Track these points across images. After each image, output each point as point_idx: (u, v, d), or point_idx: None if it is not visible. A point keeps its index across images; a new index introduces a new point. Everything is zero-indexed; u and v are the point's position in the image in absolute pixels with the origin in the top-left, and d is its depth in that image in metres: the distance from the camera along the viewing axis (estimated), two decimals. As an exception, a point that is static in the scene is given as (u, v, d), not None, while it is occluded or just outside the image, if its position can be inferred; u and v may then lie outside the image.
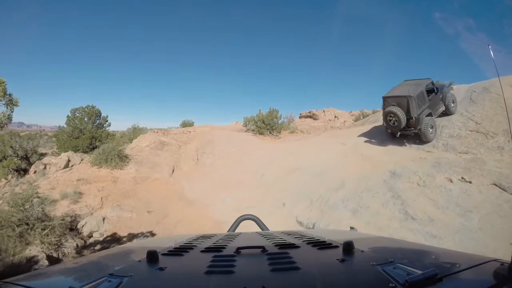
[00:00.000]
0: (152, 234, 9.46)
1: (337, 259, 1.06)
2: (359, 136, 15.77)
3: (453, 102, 13.00)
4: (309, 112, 38.42)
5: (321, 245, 1.29)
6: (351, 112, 37.79)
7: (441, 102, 12.76)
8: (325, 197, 9.84)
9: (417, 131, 11.73)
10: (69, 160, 16.39)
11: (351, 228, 2.21)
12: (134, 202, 11.41)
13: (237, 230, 2.48)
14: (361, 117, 27.20)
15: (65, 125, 23.16)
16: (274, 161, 14.64)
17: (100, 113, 24.32)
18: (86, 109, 23.49)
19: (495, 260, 0.97)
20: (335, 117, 36.28)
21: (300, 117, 37.62)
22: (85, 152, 20.57)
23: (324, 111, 37.94)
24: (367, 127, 17.41)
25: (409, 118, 11.60)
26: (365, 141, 14.58)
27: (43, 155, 22.32)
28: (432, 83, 12.60)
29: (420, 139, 12.14)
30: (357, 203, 8.84)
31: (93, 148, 20.44)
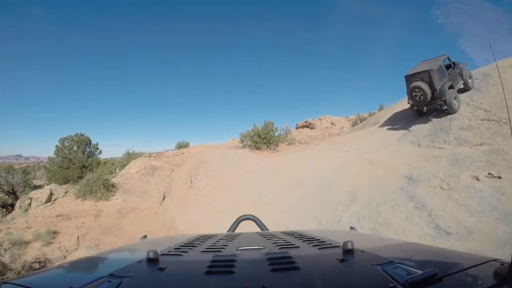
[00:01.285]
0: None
1: (337, 259, 1.04)
2: (361, 140, 14.74)
3: (470, 78, 13.13)
4: (305, 122, 38.01)
5: (321, 245, 1.30)
6: (347, 117, 37.52)
7: (459, 77, 12.95)
8: (336, 217, 8.56)
9: (442, 102, 12.02)
10: (51, 194, 15.11)
11: (351, 228, 2.17)
12: (115, 240, 10.09)
13: (236, 230, 2.45)
14: (358, 121, 26.50)
15: (54, 156, 22.31)
16: (273, 177, 13.50)
17: (90, 141, 23.54)
18: (74, 137, 22.66)
19: (495, 260, 0.97)
20: (332, 124, 36.06)
21: (297, 128, 37.16)
22: (75, 182, 19.40)
23: (320, 119, 37.68)
24: (368, 130, 16.41)
25: (433, 90, 11.86)
26: (369, 145, 13.51)
27: (37, 187, 21.35)
28: (449, 58, 12.94)
29: (434, 135, 11.58)
30: (375, 220, 7.54)
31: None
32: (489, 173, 7.39)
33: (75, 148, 22.42)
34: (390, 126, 15.11)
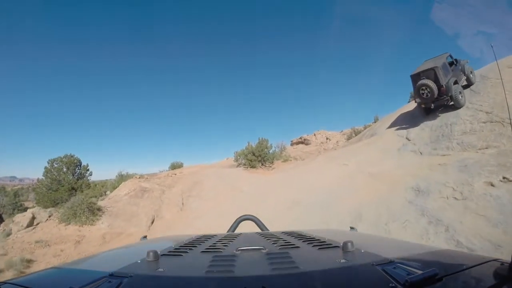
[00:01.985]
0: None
1: (337, 259, 1.04)
2: (360, 153, 14.07)
3: (471, 73, 13.37)
4: (300, 138, 37.69)
5: (321, 245, 1.30)
6: (342, 131, 37.15)
7: (461, 73, 13.10)
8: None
9: (448, 98, 12.17)
10: (33, 218, 14.11)
11: (351, 228, 2.15)
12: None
13: (236, 231, 2.42)
14: (353, 135, 26.26)
15: (43, 177, 21.46)
16: (269, 197, 12.56)
17: (80, 162, 22.83)
18: (64, 158, 21.94)
19: (495, 260, 0.97)
20: (327, 138, 35.71)
21: (292, 144, 36.82)
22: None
23: (315, 134, 37.31)
24: (365, 142, 15.78)
25: (439, 87, 12.12)
26: (369, 158, 12.84)
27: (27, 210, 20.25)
28: (451, 56, 13.22)
29: (436, 142, 11.18)
30: (386, 242, 6.56)
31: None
32: (503, 177, 6.74)
33: (64, 169, 21.68)
34: (388, 136, 14.51)
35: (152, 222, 13.38)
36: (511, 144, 8.59)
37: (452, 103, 12.31)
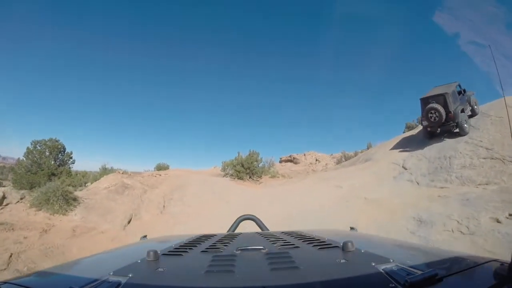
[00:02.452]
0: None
1: (337, 259, 1.04)
2: (353, 177, 13.64)
3: (476, 105, 13.81)
4: (290, 156, 37.59)
5: (321, 245, 1.29)
6: (332, 154, 37.18)
7: (467, 103, 13.50)
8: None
9: (454, 124, 12.53)
10: (4, 197, 13.03)
11: (351, 228, 2.16)
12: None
13: (237, 230, 2.44)
14: (343, 159, 25.98)
15: (24, 158, 20.39)
16: (256, 212, 11.47)
17: (64, 149, 21.70)
18: (48, 142, 20.79)
19: (495, 260, 0.97)
20: (316, 160, 35.90)
21: (280, 162, 36.61)
22: (41, 190, 17.49)
23: (305, 154, 37.52)
24: (360, 167, 15.40)
25: (448, 112, 12.40)
26: (364, 183, 12.44)
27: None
28: (459, 85, 13.53)
29: (433, 174, 11.00)
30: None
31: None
32: (510, 214, 6.46)
33: (47, 153, 20.63)
34: (384, 163, 14.19)
35: (129, 222, 12.53)
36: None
37: (457, 130, 12.68)
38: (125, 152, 71.63)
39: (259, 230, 2.58)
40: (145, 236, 2.20)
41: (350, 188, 12.17)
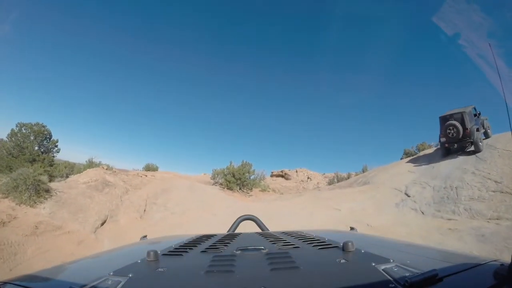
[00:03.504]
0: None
1: (337, 259, 1.04)
2: (352, 199, 12.76)
3: (489, 129, 14.78)
4: (281, 171, 36.57)
5: (321, 245, 1.29)
6: (324, 174, 36.19)
7: (481, 125, 14.22)
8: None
9: (470, 142, 13.28)
10: None
11: (351, 228, 2.17)
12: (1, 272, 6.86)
13: (237, 231, 2.42)
14: (335, 180, 25.23)
15: (6, 139, 19.21)
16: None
17: (50, 135, 20.54)
18: (34, 126, 19.62)
19: (495, 260, 0.98)
20: (308, 178, 34.88)
21: (272, 176, 35.65)
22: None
23: (296, 171, 36.36)
24: (358, 189, 14.50)
25: (465, 129, 13.22)
26: (364, 207, 11.59)
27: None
28: (475, 108, 14.29)
29: (439, 204, 10.37)
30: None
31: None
32: None
33: (31, 137, 19.44)
34: (385, 188, 13.35)
35: (102, 224, 11.39)
36: (525, 218, 7.95)
37: (472, 148, 13.44)
38: (119, 149, 69.89)
39: (259, 230, 2.49)
40: (145, 236, 2.18)
41: (349, 212, 11.27)
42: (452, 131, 13.55)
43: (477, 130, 13.48)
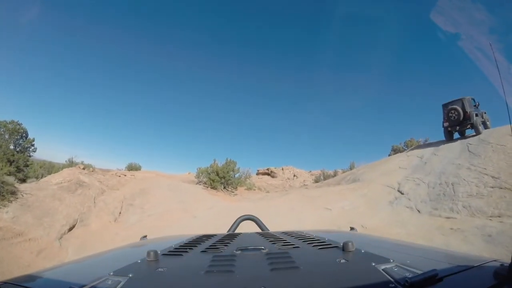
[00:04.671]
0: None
1: (337, 259, 1.04)
2: (343, 198, 12.06)
3: (488, 121, 15.33)
4: (267, 169, 36.56)
5: (321, 245, 1.29)
6: (310, 171, 36.39)
7: (480, 115, 14.91)
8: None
9: (472, 122, 14.22)
10: None
11: (351, 228, 2.18)
12: None
13: (237, 231, 2.41)
14: (322, 177, 25.09)
15: None
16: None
17: (26, 134, 19.65)
18: (9, 124, 18.72)
19: (495, 260, 0.97)
20: (294, 175, 35.25)
21: (257, 174, 35.51)
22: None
23: (283, 169, 36.58)
24: (348, 187, 13.84)
25: (465, 112, 14.37)
26: (355, 206, 10.90)
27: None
28: (474, 99, 15.22)
29: (436, 201, 9.81)
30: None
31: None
32: None
33: (6, 136, 18.58)
34: (376, 185, 12.72)
35: (71, 229, 10.33)
36: (528, 215, 7.42)
37: (473, 130, 14.51)
38: (104, 148, 68.14)
39: (259, 230, 2.43)
40: (145, 236, 2.17)
41: (340, 211, 10.56)
42: (454, 114, 14.75)
43: (476, 115, 14.45)
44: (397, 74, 53.49)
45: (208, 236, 1.77)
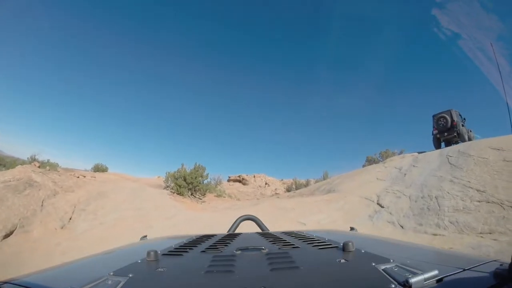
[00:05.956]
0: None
1: (337, 259, 1.03)
2: (318, 211, 11.17)
3: (473, 137, 16.39)
4: (239, 176, 36.29)
5: (321, 245, 1.28)
6: (282, 180, 36.69)
7: (466, 129, 16.38)
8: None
9: (457, 130, 15.56)
10: None
11: (351, 228, 2.20)
12: None
13: (237, 231, 2.40)
14: (294, 186, 24.89)
15: None
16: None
17: None
18: None
19: (495, 260, 0.98)
20: (266, 184, 35.49)
21: (229, 181, 35.00)
22: None
23: (254, 176, 36.95)
24: (323, 198, 12.97)
25: (452, 121, 15.76)
26: (332, 220, 10.04)
27: None
28: (460, 115, 16.68)
29: (420, 216, 9.20)
30: None
31: None
32: None
33: None
34: (354, 197, 11.92)
35: (7, 236, 8.77)
36: (523, 232, 6.92)
37: (458, 140, 15.56)
38: (77, 149, 64.80)
39: (259, 230, 2.43)
40: (145, 236, 2.11)
41: (316, 226, 9.66)
42: (442, 122, 16.19)
43: (463, 125, 16.14)
44: (373, 85, 54.33)
45: (208, 236, 1.75)
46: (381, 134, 53.98)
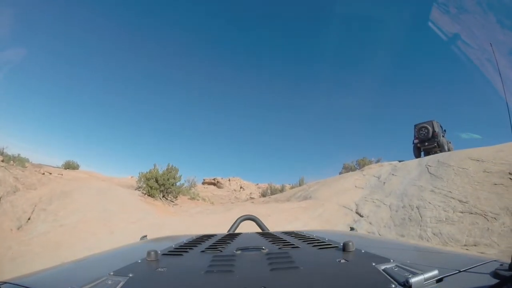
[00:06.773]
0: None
1: (337, 259, 1.02)
2: (294, 219, 10.75)
3: (451, 149, 16.62)
4: (214, 179, 36.16)
5: (321, 245, 1.28)
6: (257, 184, 36.85)
7: (446, 139, 16.87)
8: None
9: (438, 140, 16.10)
10: None
11: (351, 228, 2.25)
12: None
13: (237, 231, 2.37)
14: (269, 191, 24.44)
15: None
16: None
17: None
18: None
19: (495, 260, 0.96)
20: (241, 187, 35.71)
21: (203, 183, 34.58)
22: None
23: (229, 180, 36.96)
24: (299, 205, 12.62)
25: (433, 131, 16.19)
26: (310, 229, 9.52)
27: None
28: (441, 125, 17.18)
29: (401, 226, 9.04)
30: None
31: None
32: None
33: None
34: (332, 205, 11.59)
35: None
36: (506, 243, 6.85)
37: (438, 150, 15.94)
38: (53, 144, 61.70)
39: (259, 230, 2.39)
40: (145, 236, 2.07)
41: (293, 235, 9.16)
42: (423, 132, 16.57)
43: (443, 136, 16.70)
44: (352, 92, 54.71)
45: (208, 236, 1.74)
46: (358, 142, 54.37)
